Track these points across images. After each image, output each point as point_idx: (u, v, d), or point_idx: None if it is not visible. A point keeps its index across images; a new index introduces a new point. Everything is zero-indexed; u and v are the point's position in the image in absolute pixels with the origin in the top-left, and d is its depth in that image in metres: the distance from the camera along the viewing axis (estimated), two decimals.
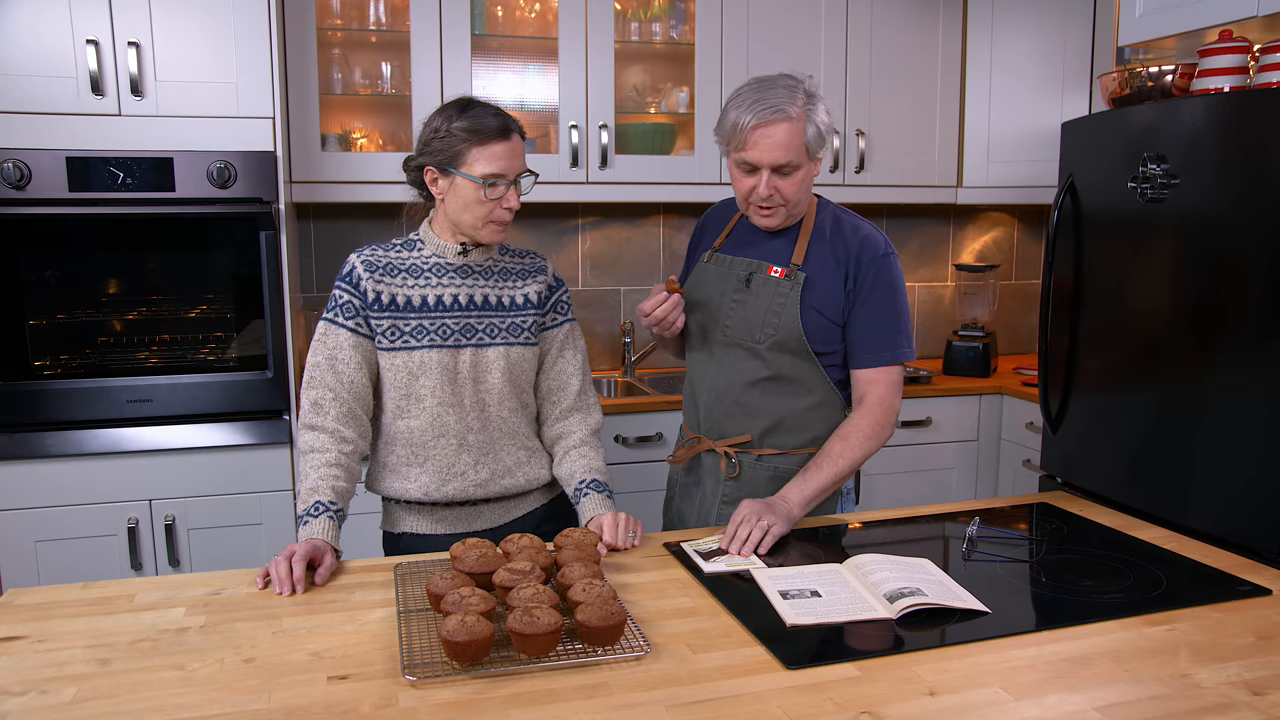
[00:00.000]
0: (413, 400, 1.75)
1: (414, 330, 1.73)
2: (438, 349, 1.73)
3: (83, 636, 1.31)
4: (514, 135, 1.69)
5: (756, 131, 1.70)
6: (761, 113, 1.70)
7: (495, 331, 1.77)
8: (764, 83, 1.74)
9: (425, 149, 1.71)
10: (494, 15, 3.05)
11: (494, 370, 1.77)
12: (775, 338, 1.80)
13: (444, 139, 1.67)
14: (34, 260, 2.50)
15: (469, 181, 1.67)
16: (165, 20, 2.45)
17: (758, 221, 1.83)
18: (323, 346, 1.73)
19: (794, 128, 1.70)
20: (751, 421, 1.86)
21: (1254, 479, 2.02)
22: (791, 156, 1.71)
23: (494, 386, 1.78)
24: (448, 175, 1.69)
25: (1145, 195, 2.27)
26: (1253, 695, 1.15)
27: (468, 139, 1.66)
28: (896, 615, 1.35)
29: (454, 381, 1.75)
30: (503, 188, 1.68)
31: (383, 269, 1.74)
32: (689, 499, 1.98)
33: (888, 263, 1.81)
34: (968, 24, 3.33)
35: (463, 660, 1.20)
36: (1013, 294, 3.90)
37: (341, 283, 1.74)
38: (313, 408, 1.71)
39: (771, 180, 1.74)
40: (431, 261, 1.76)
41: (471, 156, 1.66)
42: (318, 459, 1.67)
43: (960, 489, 3.28)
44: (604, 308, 3.47)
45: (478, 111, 1.69)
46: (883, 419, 1.80)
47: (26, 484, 2.47)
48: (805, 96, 1.73)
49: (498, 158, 1.66)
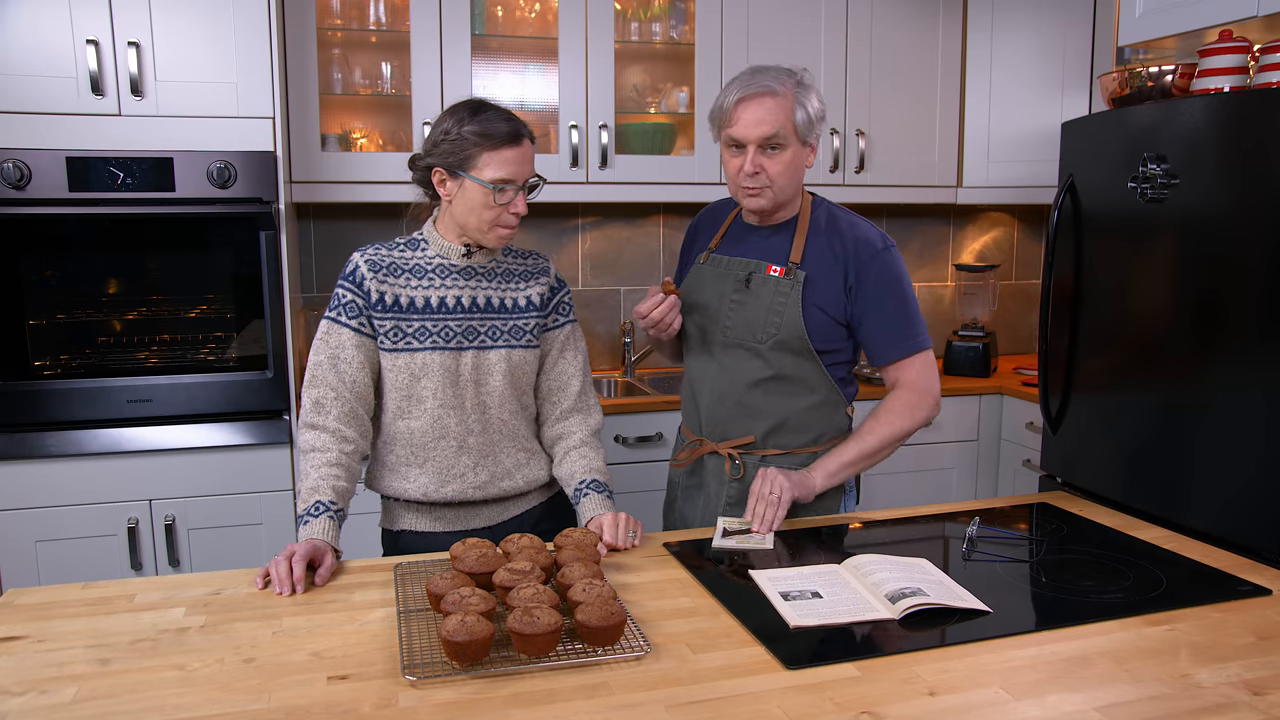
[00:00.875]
0: (414, 401, 1.75)
1: (416, 332, 1.73)
2: (440, 351, 1.73)
3: (83, 636, 1.31)
4: (524, 141, 1.69)
5: (741, 105, 1.72)
6: (747, 88, 1.72)
7: (497, 334, 1.77)
8: (758, 68, 1.77)
9: (434, 150, 1.70)
10: (494, 15, 3.05)
11: (495, 373, 1.77)
12: (777, 337, 1.80)
13: (455, 141, 1.67)
14: (34, 260, 2.50)
15: (478, 185, 1.66)
16: (165, 20, 2.45)
17: (746, 204, 1.82)
18: (325, 345, 1.72)
19: (779, 103, 1.72)
20: (754, 422, 1.86)
21: (1254, 479, 2.02)
22: (777, 129, 1.72)
23: (495, 389, 1.77)
24: (457, 178, 1.69)
25: (1145, 195, 2.27)
26: (1253, 695, 1.15)
27: (479, 143, 1.65)
28: (899, 615, 1.34)
29: (455, 384, 1.75)
30: (511, 193, 1.68)
31: (386, 269, 1.74)
32: (691, 502, 1.97)
33: (887, 257, 1.81)
34: (968, 24, 3.33)
35: (463, 660, 1.20)
36: (1013, 294, 3.90)
37: (345, 281, 1.74)
38: (314, 406, 1.70)
39: (757, 158, 1.74)
40: (435, 262, 1.76)
41: (482, 160, 1.66)
42: (319, 458, 1.67)
43: (960, 489, 3.28)
44: (604, 308, 3.47)
45: (489, 115, 1.68)
46: (915, 399, 1.81)
47: (26, 484, 2.47)
48: (796, 83, 1.75)
49: (508, 163, 1.66)
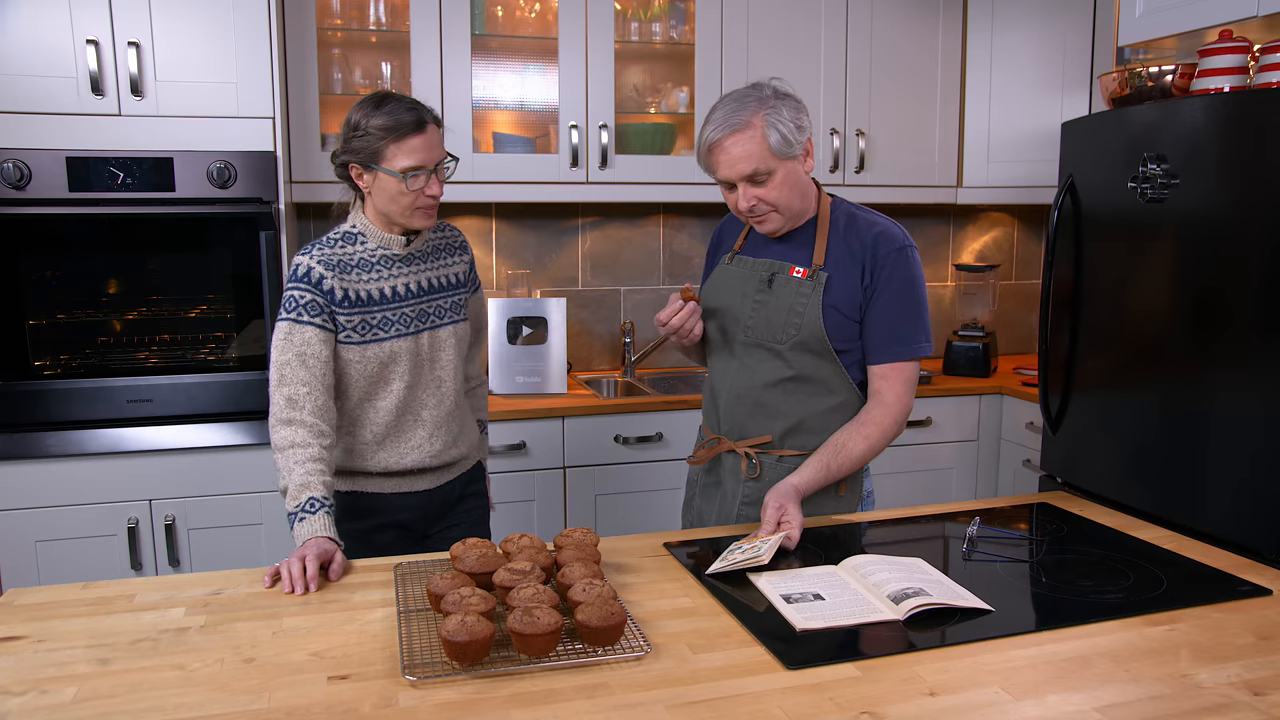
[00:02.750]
0: (380, 385, 1.83)
1: (380, 323, 1.80)
2: (404, 337, 1.82)
3: (83, 636, 1.31)
4: (429, 126, 1.76)
5: (715, 150, 1.73)
6: (716, 130, 1.71)
7: (443, 313, 1.89)
8: (728, 98, 1.75)
9: (347, 147, 1.77)
10: (494, 15, 3.05)
11: (446, 348, 1.89)
12: (797, 338, 1.80)
13: (363, 137, 1.74)
14: (34, 260, 2.50)
15: (390, 176, 1.73)
16: (165, 20, 2.46)
17: (759, 229, 1.84)
18: (290, 345, 1.74)
19: (751, 137, 1.70)
20: (772, 422, 1.85)
21: (1254, 479, 2.02)
22: (756, 165, 1.71)
23: (448, 363, 1.90)
24: (371, 171, 1.76)
25: (1145, 195, 2.27)
26: (1253, 695, 1.15)
27: (384, 136, 1.72)
28: (904, 616, 1.34)
29: (416, 364, 1.85)
30: (423, 178, 1.75)
31: (338, 266, 1.78)
32: (709, 499, 1.98)
33: (905, 256, 1.80)
34: (968, 24, 3.33)
35: (463, 660, 1.20)
36: (1013, 294, 3.90)
37: (300, 283, 1.76)
38: (288, 404, 1.71)
39: (748, 191, 1.74)
40: (378, 254, 1.83)
41: (390, 152, 1.73)
42: (300, 454, 1.67)
43: (960, 489, 3.28)
44: (604, 308, 3.47)
45: (392, 107, 1.74)
46: (889, 422, 1.79)
47: (26, 484, 2.47)
48: (761, 103, 1.71)
49: (416, 150, 1.73)
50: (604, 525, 2.88)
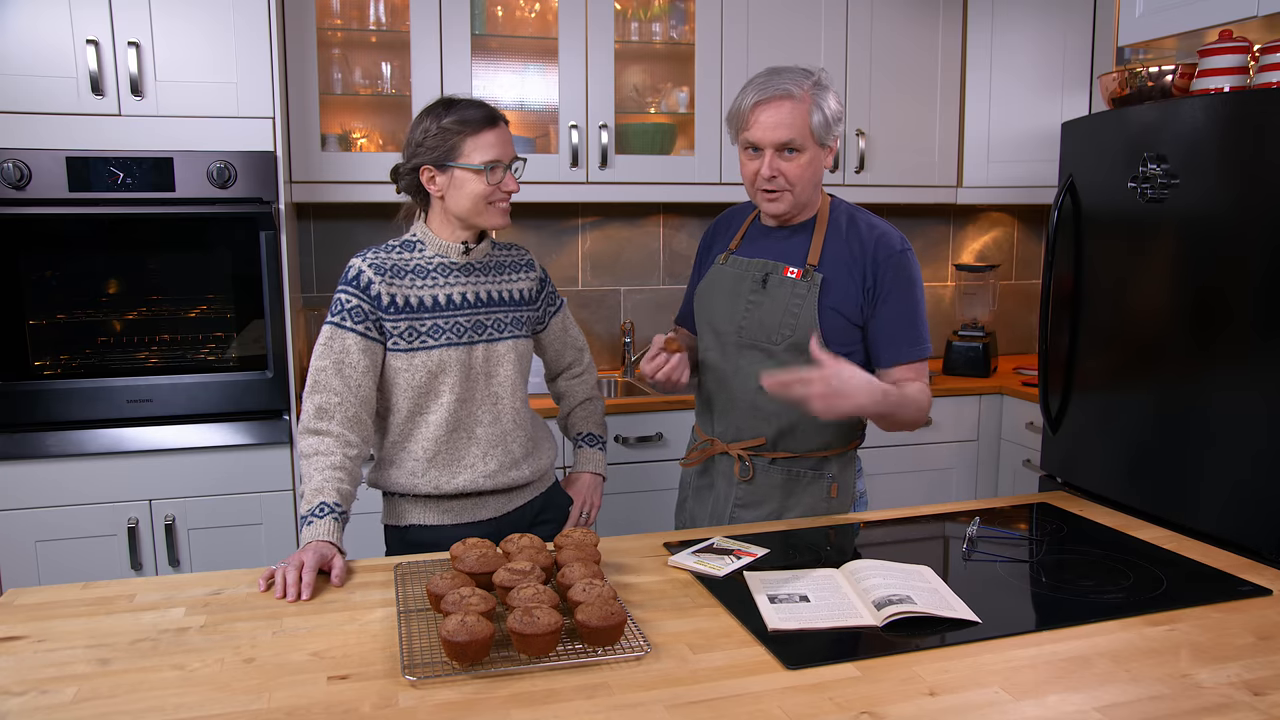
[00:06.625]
0: (430, 397, 1.77)
1: (430, 330, 1.76)
2: (455, 347, 1.77)
3: (83, 636, 1.31)
4: (500, 123, 1.77)
5: (758, 109, 1.72)
6: (764, 91, 1.72)
7: (503, 326, 1.84)
8: (775, 70, 1.76)
9: (419, 150, 1.75)
10: (494, 15, 3.05)
11: (505, 363, 1.83)
12: (791, 339, 1.79)
13: (436, 136, 1.73)
14: (34, 260, 2.50)
15: (469, 171, 1.72)
16: (165, 20, 2.45)
17: (764, 208, 1.82)
18: (329, 351, 1.72)
19: (797, 107, 1.71)
20: (765, 424, 1.85)
21: (1254, 479, 2.02)
22: (794, 135, 1.71)
23: (506, 379, 1.83)
24: (445, 171, 1.73)
25: (1145, 195, 2.27)
26: (1253, 695, 1.15)
27: (460, 131, 1.72)
28: (881, 623, 1.33)
29: (469, 377, 1.79)
30: (501, 171, 1.75)
31: (391, 271, 1.76)
32: (701, 502, 1.97)
33: (905, 258, 1.80)
34: (968, 24, 3.33)
35: (463, 660, 1.20)
36: (1013, 294, 3.90)
37: (348, 287, 1.75)
38: (318, 413, 1.70)
39: (774, 161, 1.74)
40: (435, 262, 1.79)
41: (467, 147, 1.72)
42: (322, 461, 1.67)
43: (960, 489, 3.28)
44: (604, 308, 3.48)
45: (462, 106, 1.75)
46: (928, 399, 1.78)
47: (26, 484, 2.47)
48: (814, 84, 1.73)
49: (492, 145, 1.74)
50: (604, 525, 2.88)
